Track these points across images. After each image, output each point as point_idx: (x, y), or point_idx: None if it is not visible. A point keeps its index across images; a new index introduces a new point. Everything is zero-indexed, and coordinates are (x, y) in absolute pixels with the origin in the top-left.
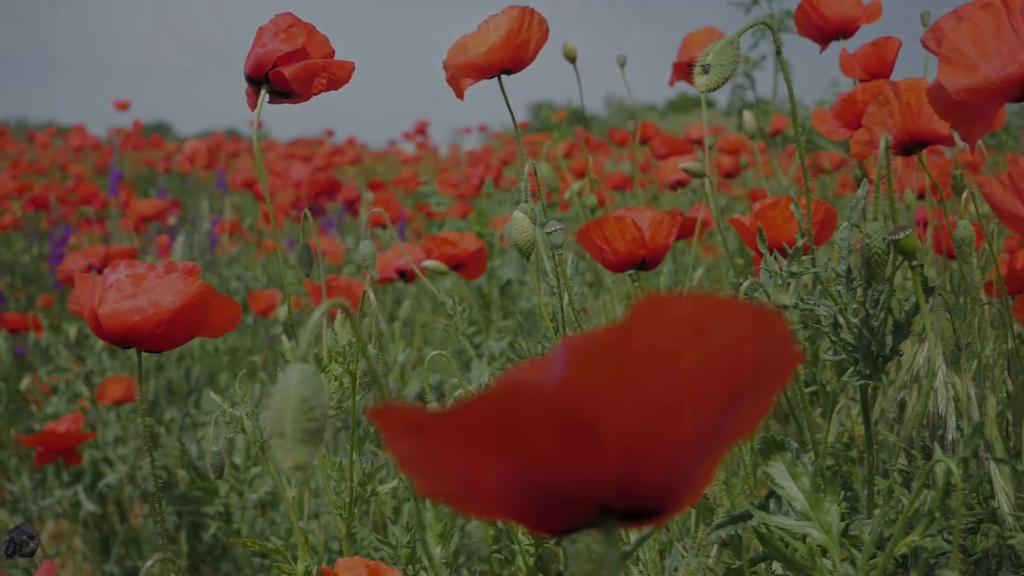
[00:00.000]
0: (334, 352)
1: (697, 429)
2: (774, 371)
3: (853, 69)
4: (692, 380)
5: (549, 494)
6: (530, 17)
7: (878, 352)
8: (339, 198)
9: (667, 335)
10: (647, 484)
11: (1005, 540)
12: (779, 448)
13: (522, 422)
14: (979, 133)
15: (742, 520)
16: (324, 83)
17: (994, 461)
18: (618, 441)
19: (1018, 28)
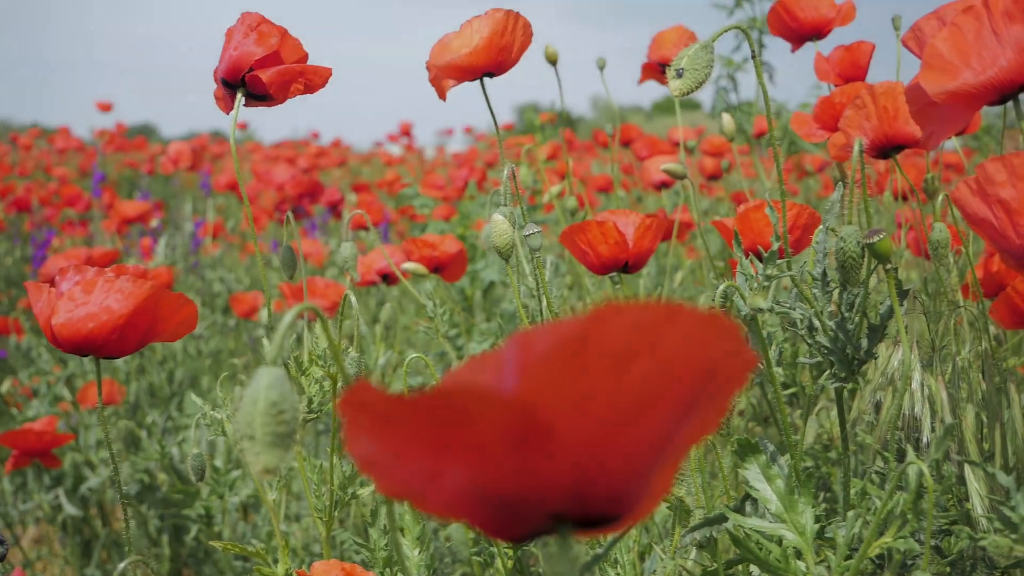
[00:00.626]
0: (314, 355)
1: (652, 436)
2: (729, 377)
3: (828, 74)
4: (647, 387)
5: (503, 500)
6: (514, 21)
7: (853, 355)
8: (322, 200)
9: (622, 342)
10: (602, 491)
11: (976, 542)
12: (754, 451)
13: (474, 424)
14: (946, 136)
15: (717, 522)
16: (300, 88)
17: (967, 464)
18: (573, 448)
19: (999, 32)
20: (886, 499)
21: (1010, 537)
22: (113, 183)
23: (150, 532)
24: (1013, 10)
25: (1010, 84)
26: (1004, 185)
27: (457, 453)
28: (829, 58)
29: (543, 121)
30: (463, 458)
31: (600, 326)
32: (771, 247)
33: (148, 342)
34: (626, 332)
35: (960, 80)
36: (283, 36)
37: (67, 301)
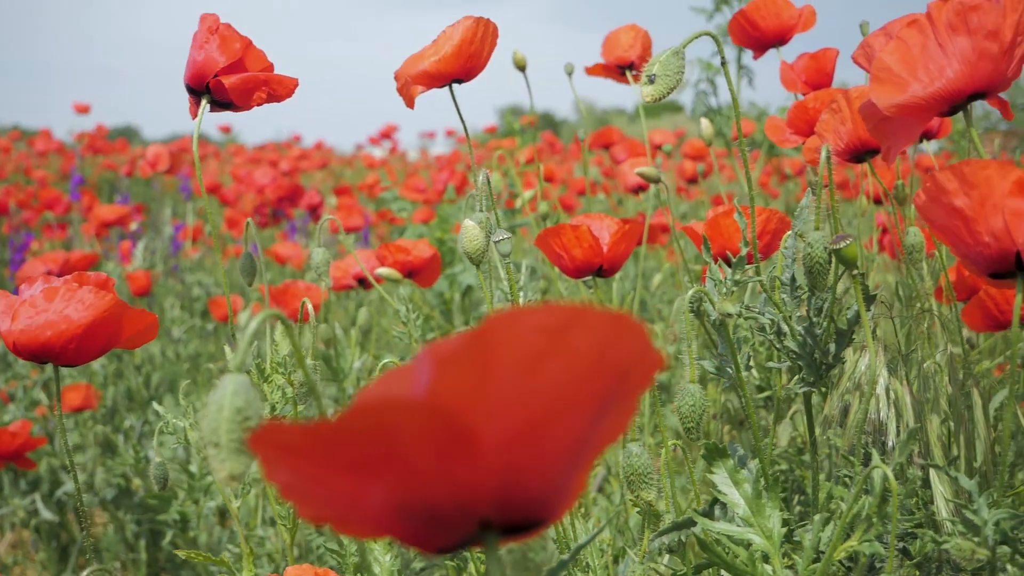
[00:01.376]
0: (275, 362)
1: (572, 436)
2: (638, 377)
3: (794, 82)
4: (559, 388)
5: (430, 510)
6: (484, 27)
7: (821, 359)
8: (302, 203)
9: (527, 344)
10: (528, 493)
11: (940, 544)
12: (722, 455)
13: (396, 435)
14: (902, 147)
15: (686, 527)
16: (264, 96)
17: (931, 468)
18: (494, 451)
19: (944, 44)
20: (851, 503)
21: (973, 540)
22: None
23: (127, 537)
24: (956, 22)
25: (958, 94)
26: (956, 194)
27: (379, 470)
28: (795, 66)
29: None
30: (386, 474)
31: (505, 329)
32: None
33: (106, 351)
34: (532, 334)
35: (909, 93)
36: (247, 45)
37: (28, 307)
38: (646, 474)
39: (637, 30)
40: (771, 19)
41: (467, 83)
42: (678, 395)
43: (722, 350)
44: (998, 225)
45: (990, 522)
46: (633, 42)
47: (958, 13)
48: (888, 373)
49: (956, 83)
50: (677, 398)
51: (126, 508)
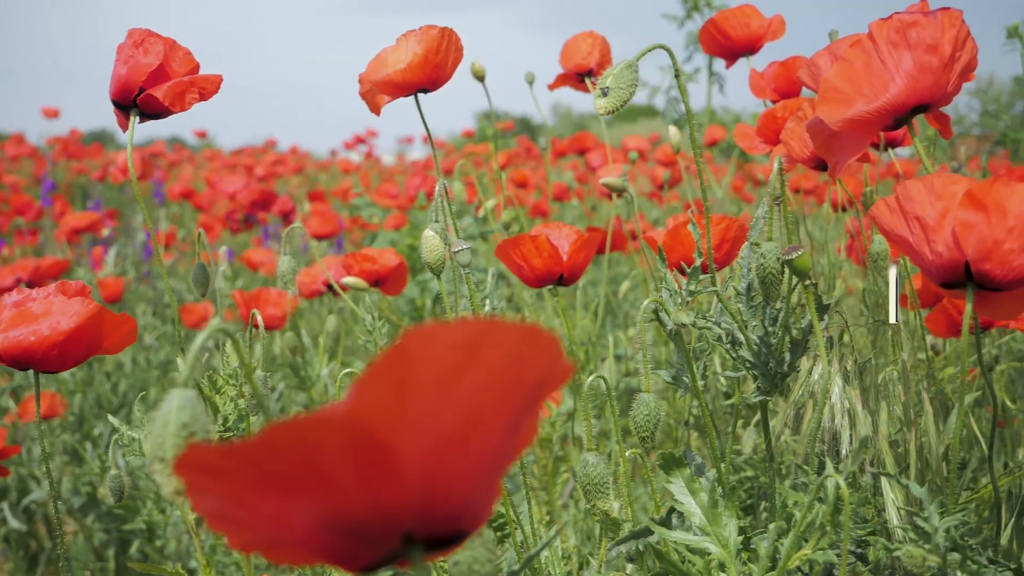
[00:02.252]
0: (227, 374)
1: (488, 448)
2: (549, 388)
3: (763, 90)
4: (476, 401)
5: (354, 526)
6: (448, 38)
7: (776, 369)
8: (274, 209)
9: (444, 360)
10: (448, 506)
11: (891, 552)
12: (678, 464)
13: (317, 452)
14: (848, 161)
15: (643, 535)
16: (196, 97)
17: (883, 476)
18: (415, 465)
19: (886, 60)
20: (804, 511)
21: (924, 547)
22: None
23: (96, 546)
24: (897, 39)
25: (901, 107)
26: (922, 203)
27: (302, 488)
28: (764, 74)
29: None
30: (309, 491)
31: (422, 345)
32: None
33: (87, 357)
34: (448, 349)
35: (855, 108)
36: (172, 48)
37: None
38: (602, 483)
39: (595, 37)
40: (741, 28)
41: (434, 92)
42: (633, 404)
43: (678, 359)
44: (949, 236)
45: (940, 529)
46: (591, 49)
47: (898, 30)
48: (843, 381)
49: (899, 97)
50: (632, 407)
51: (96, 516)
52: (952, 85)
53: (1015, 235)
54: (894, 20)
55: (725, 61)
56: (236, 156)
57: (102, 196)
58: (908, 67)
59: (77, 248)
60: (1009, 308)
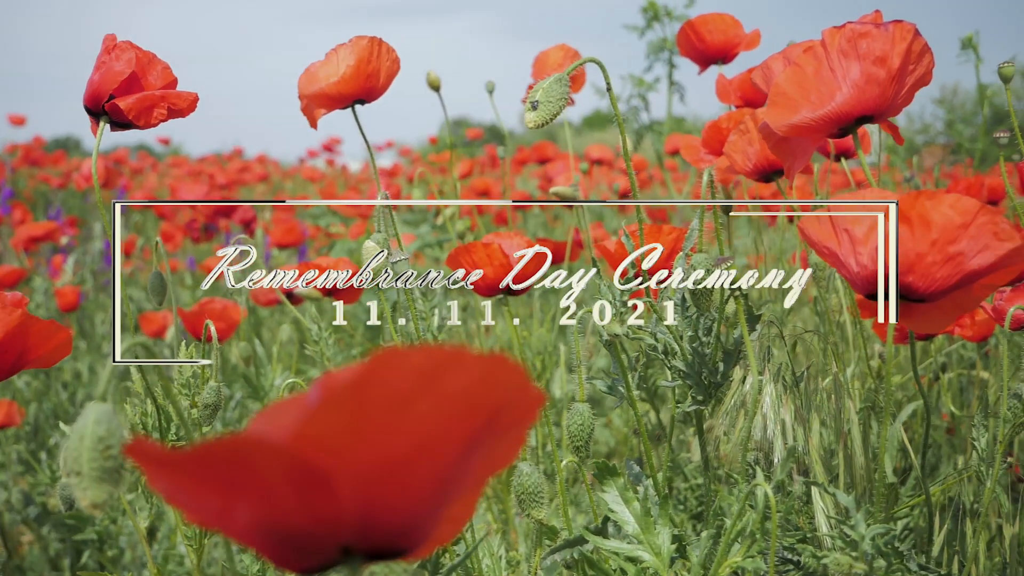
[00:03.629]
0: (180, 384)
1: (437, 473)
2: (515, 415)
3: (729, 96)
4: (427, 427)
5: (288, 536)
6: (378, 47)
7: (709, 378)
8: (235, 217)
9: (401, 386)
10: (387, 526)
11: (819, 559)
12: (612, 473)
13: (255, 471)
14: (799, 167)
15: (576, 544)
16: (164, 113)
17: (813, 485)
18: (353, 488)
19: (835, 69)
20: (734, 519)
21: (850, 555)
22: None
23: (51, 556)
24: (847, 48)
25: (846, 117)
26: (852, 216)
27: (242, 494)
28: (732, 81)
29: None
30: (248, 499)
31: (382, 371)
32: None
33: (17, 370)
34: (407, 377)
35: (800, 114)
36: (151, 61)
37: None
38: (536, 493)
39: (567, 49)
40: (717, 34)
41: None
42: (567, 415)
43: (614, 369)
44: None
45: (867, 537)
46: (563, 61)
47: (849, 39)
48: (775, 391)
49: (844, 106)
50: (567, 418)
51: (52, 526)
52: (901, 97)
53: (938, 248)
54: (846, 29)
55: (698, 66)
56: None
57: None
58: (855, 77)
59: (36, 256)
60: (933, 320)
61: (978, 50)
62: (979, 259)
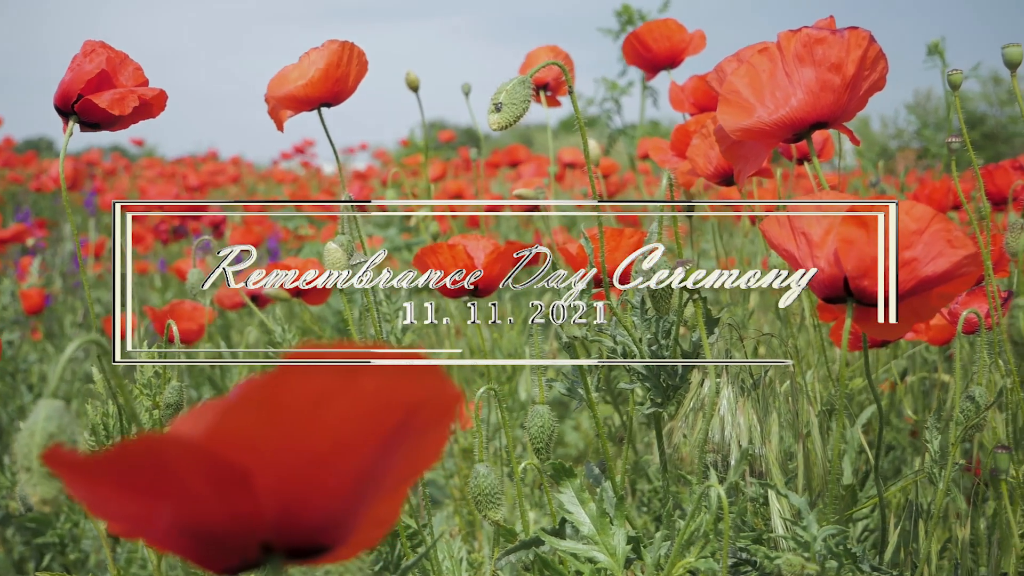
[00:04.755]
0: (141, 384)
1: (354, 471)
2: (432, 414)
3: (683, 103)
4: (342, 424)
5: (209, 534)
6: (349, 52)
7: (668, 381)
8: (204, 220)
9: (316, 383)
10: (305, 523)
11: (772, 560)
12: (568, 475)
13: (172, 470)
14: (750, 171)
15: (533, 545)
16: (136, 102)
17: (768, 487)
18: (271, 486)
19: (791, 73)
20: (688, 520)
21: (803, 556)
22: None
23: (16, 559)
24: (803, 53)
25: (800, 122)
26: (809, 219)
27: (159, 497)
28: (684, 87)
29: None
30: (165, 500)
31: (297, 369)
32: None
33: None
34: (322, 374)
35: (755, 118)
36: (123, 61)
37: None
38: (493, 494)
39: (557, 51)
40: (663, 41)
41: (336, 106)
42: (528, 417)
43: (573, 371)
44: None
45: (819, 538)
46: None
47: (805, 44)
48: (733, 394)
49: (799, 112)
50: (526, 419)
51: (16, 529)
52: (855, 103)
53: None
54: (802, 34)
55: (646, 74)
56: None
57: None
58: (811, 83)
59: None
60: (889, 326)
61: (944, 56)
62: (933, 265)
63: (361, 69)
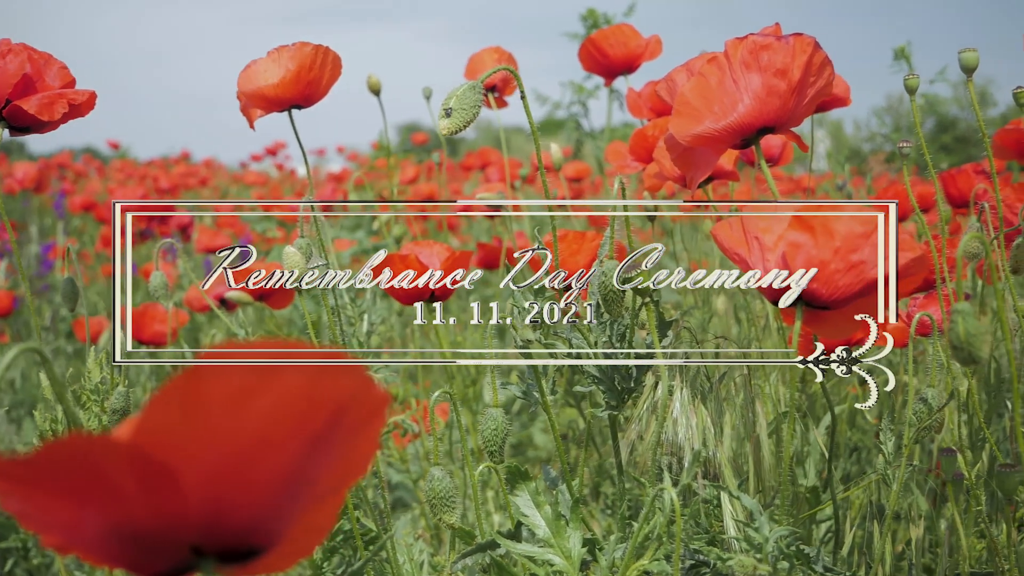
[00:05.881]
0: (88, 390)
1: (279, 470)
2: (360, 415)
3: (640, 109)
4: (266, 422)
5: (138, 537)
6: (323, 55)
7: (622, 384)
8: (172, 222)
9: (238, 381)
10: (234, 524)
11: (724, 561)
12: (523, 478)
13: (99, 470)
14: (701, 177)
15: (489, 548)
16: (66, 107)
17: (720, 489)
18: (198, 483)
19: (738, 80)
20: (641, 523)
21: (755, 557)
22: None
23: None
24: (749, 60)
25: (748, 128)
26: (763, 224)
27: (88, 499)
28: (641, 93)
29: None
30: (94, 503)
31: (215, 368)
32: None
33: None
34: (243, 371)
35: (704, 125)
36: (47, 62)
37: None
38: (448, 497)
39: (500, 52)
40: (619, 47)
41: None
42: (481, 420)
43: (529, 374)
44: (780, 255)
45: (771, 539)
46: (497, 64)
47: (751, 51)
48: (686, 396)
49: (746, 117)
50: (480, 422)
51: None
52: (802, 108)
53: (840, 256)
54: (748, 41)
55: (604, 79)
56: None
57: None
58: (757, 89)
59: None
60: (837, 326)
61: (911, 60)
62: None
63: (334, 73)
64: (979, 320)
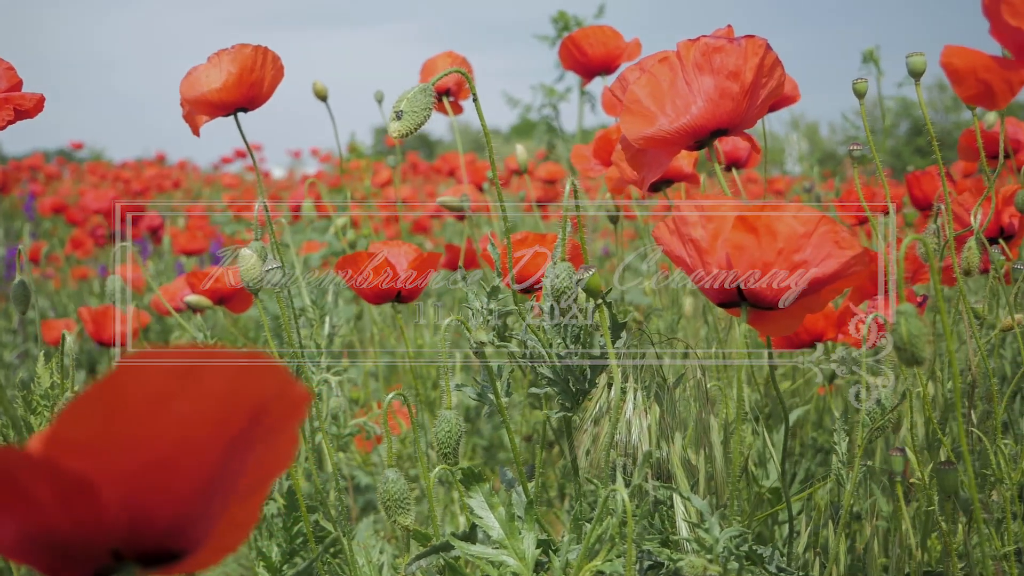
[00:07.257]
0: (38, 395)
1: (199, 473)
2: (280, 414)
3: (616, 109)
4: (186, 425)
5: (57, 544)
6: (263, 56)
7: (576, 386)
8: (142, 225)
9: (155, 385)
10: (154, 528)
11: (675, 562)
12: (478, 480)
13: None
14: (653, 178)
15: (443, 550)
16: (11, 115)
17: (671, 490)
18: (116, 489)
19: (690, 82)
20: (594, 524)
21: (706, 558)
22: None
23: None
24: (702, 62)
25: (701, 130)
26: (695, 225)
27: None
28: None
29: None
30: (12, 514)
31: (135, 373)
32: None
33: None
34: (162, 375)
35: (656, 126)
36: None
37: None
38: (402, 499)
39: (454, 56)
40: (598, 47)
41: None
42: (436, 422)
43: (483, 376)
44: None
45: (721, 540)
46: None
47: (704, 53)
48: (639, 398)
49: (700, 119)
50: (435, 425)
51: None
52: (755, 110)
53: (783, 257)
54: (700, 43)
55: (582, 79)
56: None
57: None
58: (710, 91)
59: None
60: (782, 324)
61: (879, 63)
62: (823, 267)
63: (277, 74)
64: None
